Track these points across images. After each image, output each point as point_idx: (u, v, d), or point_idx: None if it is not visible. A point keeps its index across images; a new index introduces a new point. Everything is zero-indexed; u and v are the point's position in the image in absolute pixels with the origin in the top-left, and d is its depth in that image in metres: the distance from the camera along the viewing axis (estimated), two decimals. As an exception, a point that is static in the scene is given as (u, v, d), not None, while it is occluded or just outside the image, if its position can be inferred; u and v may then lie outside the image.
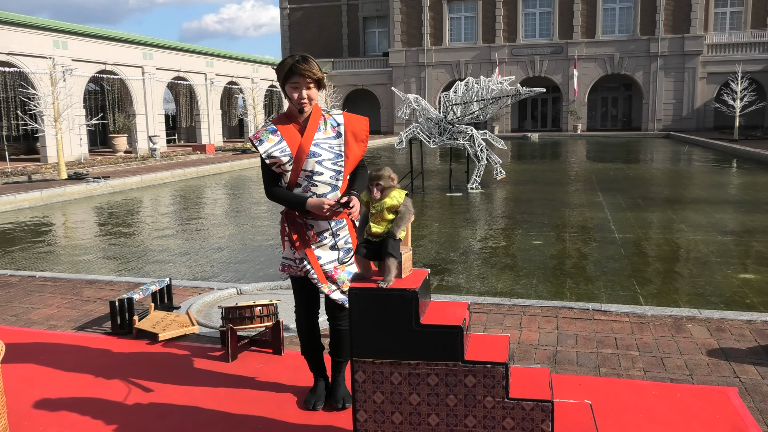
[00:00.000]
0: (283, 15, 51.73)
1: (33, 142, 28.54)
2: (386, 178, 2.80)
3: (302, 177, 3.16)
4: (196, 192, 17.20)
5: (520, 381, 2.67)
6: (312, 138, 3.18)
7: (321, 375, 3.52)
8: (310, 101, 3.17)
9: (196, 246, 9.58)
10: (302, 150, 3.16)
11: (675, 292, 6.59)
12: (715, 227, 9.99)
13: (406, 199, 2.82)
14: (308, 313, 3.43)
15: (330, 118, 3.26)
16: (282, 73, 3.14)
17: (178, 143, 38.54)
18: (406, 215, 2.78)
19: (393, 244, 2.73)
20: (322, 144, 3.18)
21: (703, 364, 3.97)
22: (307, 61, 3.12)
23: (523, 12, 43.25)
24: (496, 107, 15.35)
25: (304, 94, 3.14)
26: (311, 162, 3.15)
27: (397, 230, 2.75)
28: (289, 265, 3.34)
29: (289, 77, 3.12)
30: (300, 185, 3.17)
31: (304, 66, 3.09)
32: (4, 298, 5.81)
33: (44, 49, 23.44)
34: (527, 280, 7.12)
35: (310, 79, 3.12)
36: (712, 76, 40.89)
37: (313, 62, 3.15)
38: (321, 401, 3.43)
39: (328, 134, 3.22)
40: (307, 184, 3.16)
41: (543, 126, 46.77)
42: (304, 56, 3.14)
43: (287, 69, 3.11)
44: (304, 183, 3.16)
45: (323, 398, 3.45)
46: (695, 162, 22.62)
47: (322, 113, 3.26)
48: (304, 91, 3.13)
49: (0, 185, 16.19)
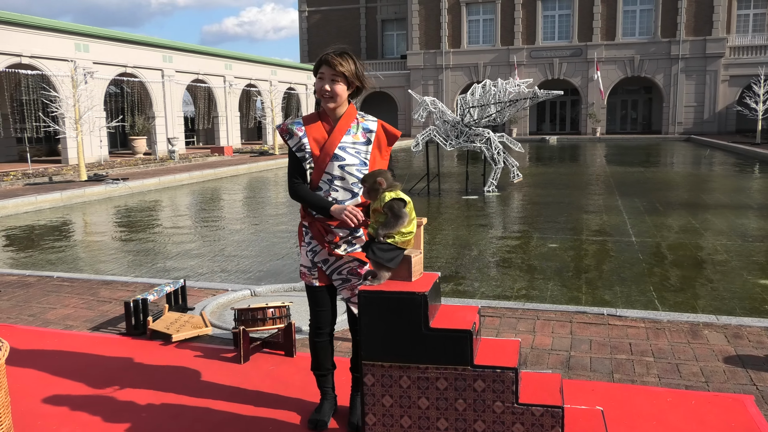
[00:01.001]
0: (301, 18, 51.99)
1: (54, 143, 28.93)
2: (371, 181, 2.76)
3: (324, 180, 3.03)
4: (213, 194, 17.31)
5: (531, 386, 2.65)
6: (339, 140, 3.02)
7: (328, 393, 3.37)
8: (333, 97, 2.99)
9: (212, 247, 9.63)
10: (326, 152, 3.01)
11: (692, 298, 6.50)
12: (735, 232, 9.85)
13: (394, 202, 2.71)
14: (322, 328, 3.25)
15: (363, 122, 3.10)
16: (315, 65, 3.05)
17: (196, 145, 38.85)
18: (391, 220, 2.70)
19: (375, 246, 2.69)
20: (349, 148, 3.03)
21: (720, 372, 3.91)
22: (340, 54, 2.99)
23: (542, 14, 43.06)
24: (514, 110, 15.28)
25: (327, 87, 2.97)
26: (334, 165, 3.01)
27: (379, 232, 2.70)
28: (304, 273, 3.19)
29: (317, 68, 3.02)
30: (321, 188, 3.04)
31: (333, 57, 2.97)
32: (22, 298, 5.89)
33: (66, 52, 23.75)
34: (542, 284, 7.07)
35: (335, 72, 2.96)
36: (735, 79, 40.39)
37: (347, 57, 3.00)
38: (327, 420, 3.28)
39: (357, 139, 3.06)
40: (327, 188, 3.03)
41: (561, 129, 46.49)
42: (342, 50, 3.01)
43: (317, 60, 3.02)
44: (325, 186, 3.03)
45: (329, 417, 3.30)
46: (716, 166, 22.34)
47: (356, 116, 3.10)
48: (327, 84, 2.97)
49: (21, 186, 16.43)
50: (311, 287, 3.20)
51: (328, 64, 2.97)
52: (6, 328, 5.00)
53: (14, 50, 21.77)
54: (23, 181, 17.32)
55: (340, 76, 2.98)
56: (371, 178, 2.79)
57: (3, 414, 2.39)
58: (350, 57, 3.01)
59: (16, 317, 5.31)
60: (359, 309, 2.69)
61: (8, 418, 2.45)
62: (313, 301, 3.23)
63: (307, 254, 3.16)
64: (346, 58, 2.99)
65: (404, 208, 2.72)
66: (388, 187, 2.75)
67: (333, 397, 3.38)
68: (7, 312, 5.47)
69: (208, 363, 4.18)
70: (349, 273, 3.13)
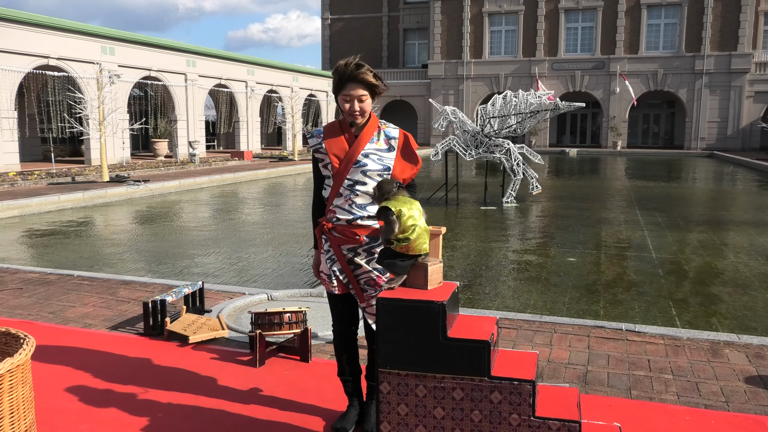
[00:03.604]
0: (324, 25, 52.31)
1: (78, 144, 29.34)
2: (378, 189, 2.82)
3: (345, 186, 3.03)
4: (232, 197, 17.43)
5: (548, 400, 2.62)
6: (362, 148, 3.02)
7: (356, 400, 3.36)
8: (362, 113, 3.00)
9: (230, 250, 9.69)
10: (349, 159, 3.01)
11: (713, 316, 6.41)
12: (758, 250, 9.71)
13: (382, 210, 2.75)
14: (345, 333, 3.26)
15: (386, 128, 3.11)
16: (335, 82, 3.00)
17: (216, 149, 39.17)
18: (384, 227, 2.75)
19: (382, 252, 2.77)
20: (371, 155, 3.03)
21: (741, 391, 3.85)
22: (359, 67, 2.94)
23: (565, 26, 42.93)
24: (534, 121, 15.23)
25: (357, 106, 2.97)
26: (356, 171, 3.01)
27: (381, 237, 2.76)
28: (324, 279, 3.19)
29: (342, 86, 2.97)
30: (341, 195, 3.04)
31: (363, 73, 2.93)
32: (42, 296, 5.96)
33: (92, 54, 24.11)
34: (560, 297, 7.02)
35: (362, 90, 2.95)
36: (760, 95, 39.93)
37: (366, 69, 2.96)
38: (350, 427, 3.26)
39: (380, 145, 3.06)
40: (349, 194, 3.03)
41: (582, 142, 46.22)
42: (359, 63, 2.96)
43: (338, 77, 2.97)
44: (346, 193, 3.03)
45: (352, 425, 3.27)
46: (739, 182, 22.06)
47: (378, 125, 3.09)
48: (356, 104, 2.97)
49: (45, 185, 16.66)
50: (331, 294, 3.21)
51: (355, 80, 2.94)
52: (27, 324, 5.06)
53: (42, 52, 22.14)
54: (47, 181, 17.57)
55: (367, 93, 2.97)
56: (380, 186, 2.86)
57: (27, 409, 2.43)
58: (366, 67, 2.98)
59: (36, 314, 5.38)
60: (377, 316, 2.68)
61: (32, 413, 2.49)
62: (334, 307, 3.24)
63: (326, 262, 3.15)
64: (367, 69, 2.96)
65: (391, 216, 2.75)
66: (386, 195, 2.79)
67: (359, 405, 3.35)
68: (28, 309, 5.54)
69: (224, 365, 4.20)
70: (366, 283, 3.12)
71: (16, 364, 2.26)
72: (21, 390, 2.31)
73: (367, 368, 3.32)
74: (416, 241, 2.80)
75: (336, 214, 3.06)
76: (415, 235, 2.80)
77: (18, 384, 2.29)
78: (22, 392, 2.33)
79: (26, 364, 2.39)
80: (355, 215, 3.03)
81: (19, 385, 2.30)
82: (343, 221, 3.04)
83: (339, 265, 3.11)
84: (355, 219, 3.03)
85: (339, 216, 3.05)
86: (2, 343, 2.61)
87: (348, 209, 3.03)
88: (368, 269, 3.08)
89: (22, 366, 2.34)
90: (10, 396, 2.25)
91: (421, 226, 2.83)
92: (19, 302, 5.75)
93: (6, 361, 2.24)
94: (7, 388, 2.23)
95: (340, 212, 3.04)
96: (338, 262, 3.11)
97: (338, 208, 3.05)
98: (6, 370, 2.21)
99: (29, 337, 2.52)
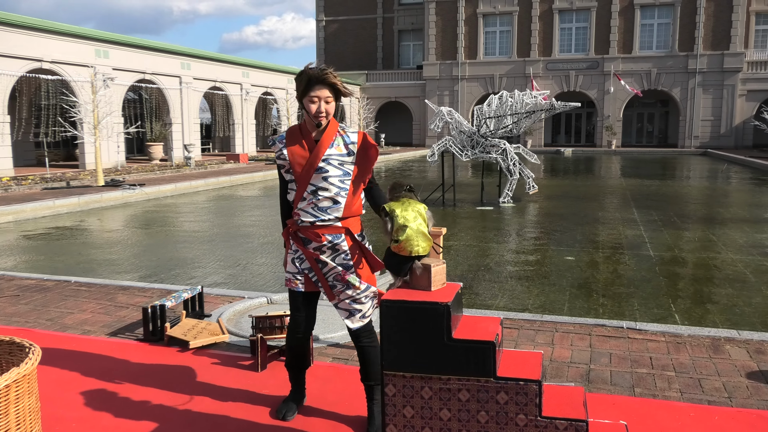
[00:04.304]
0: (319, 27, 52.29)
1: (72, 148, 29.20)
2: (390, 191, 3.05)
3: (308, 191, 3.15)
4: (229, 201, 17.39)
5: (554, 399, 2.62)
6: (323, 154, 3.12)
7: (299, 388, 3.58)
8: (327, 115, 3.11)
9: (228, 254, 9.66)
10: (310, 166, 3.12)
11: (712, 312, 6.42)
12: (754, 247, 9.73)
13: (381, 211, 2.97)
14: (300, 332, 3.37)
15: (345, 134, 3.20)
16: (301, 85, 3.09)
17: (212, 152, 39.09)
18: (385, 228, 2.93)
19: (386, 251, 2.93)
20: (332, 160, 3.14)
21: (743, 387, 3.85)
22: (325, 71, 3.06)
23: (559, 27, 43.03)
24: (530, 121, 15.25)
25: (323, 108, 3.08)
26: (318, 177, 3.13)
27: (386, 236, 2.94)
28: (290, 279, 3.31)
29: (308, 89, 3.07)
30: (305, 199, 3.16)
31: (324, 76, 3.04)
32: (40, 302, 5.92)
33: (86, 57, 24.02)
34: (559, 296, 7.02)
35: (328, 93, 3.07)
36: (752, 94, 40.11)
37: (332, 72, 3.08)
38: (292, 412, 3.48)
39: (340, 150, 3.16)
40: (312, 198, 3.15)
41: (576, 141, 46.32)
42: (322, 68, 3.08)
43: (305, 80, 3.07)
44: (310, 197, 3.15)
45: (295, 409, 3.50)
46: (733, 180, 22.13)
47: (338, 129, 3.20)
48: (323, 105, 3.08)
49: (39, 190, 16.59)
50: (294, 292, 3.34)
51: (321, 82, 3.05)
52: (25, 332, 5.03)
53: (35, 55, 22.05)
54: (41, 186, 17.49)
55: (332, 96, 3.10)
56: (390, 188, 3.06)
57: (34, 420, 2.39)
58: (331, 71, 3.10)
59: (34, 321, 5.35)
60: (381, 318, 2.68)
61: (38, 423, 2.45)
62: (294, 305, 3.37)
63: (294, 261, 3.30)
64: (332, 72, 3.09)
65: (384, 217, 2.93)
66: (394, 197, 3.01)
67: (301, 393, 3.60)
68: (25, 316, 5.50)
69: (226, 370, 4.18)
70: (334, 279, 3.25)
71: (22, 374, 2.23)
72: (27, 400, 2.28)
73: (361, 370, 3.35)
74: (406, 242, 2.86)
75: (300, 217, 3.20)
76: (404, 237, 2.86)
77: (24, 394, 2.26)
78: (29, 403, 2.29)
79: (32, 374, 2.36)
80: (318, 217, 3.17)
81: (26, 395, 2.27)
82: (306, 223, 3.19)
83: (308, 263, 3.25)
84: (317, 221, 3.18)
85: (303, 219, 3.19)
86: (7, 352, 2.57)
87: (312, 212, 3.17)
88: (333, 265, 3.22)
89: (29, 376, 2.30)
90: (17, 407, 2.21)
91: (412, 228, 2.88)
92: (16, 309, 5.71)
93: (12, 371, 2.21)
94: (14, 398, 2.19)
95: (305, 215, 3.19)
96: (307, 261, 3.26)
97: (302, 211, 3.19)
98: (12, 381, 2.17)
99: (35, 346, 2.49)
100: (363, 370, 3.33)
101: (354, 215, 3.24)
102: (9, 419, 2.20)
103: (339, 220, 3.18)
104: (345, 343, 4.64)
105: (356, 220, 3.27)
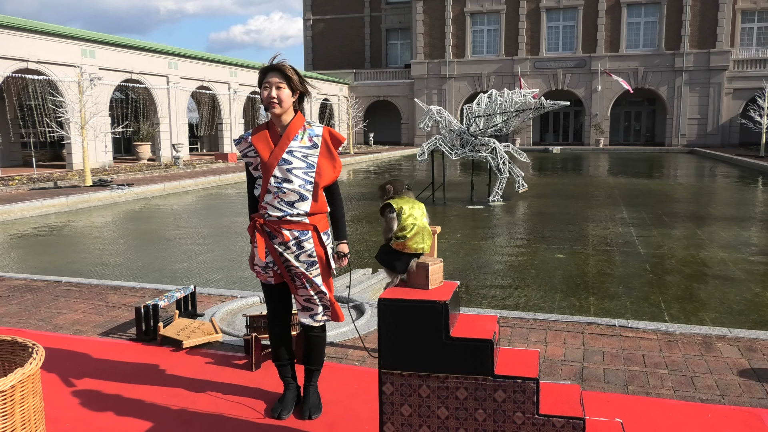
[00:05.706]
0: (306, 26, 52.18)
1: (59, 148, 28.97)
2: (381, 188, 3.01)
3: (273, 183, 3.22)
4: (218, 200, 17.32)
5: (551, 397, 2.63)
6: (286, 146, 3.23)
7: (291, 384, 3.58)
8: (280, 102, 3.20)
9: (219, 253, 9.62)
10: (274, 157, 3.21)
11: (702, 310, 6.48)
12: (742, 245, 9.83)
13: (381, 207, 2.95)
14: (280, 319, 3.49)
15: (310, 128, 3.31)
16: (259, 79, 3.25)
17: (200, 152, 38.90)
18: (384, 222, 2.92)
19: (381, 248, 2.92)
20: (296, 152, 3.23)
21: (735, 385, 3.88)
22: (281, 63, 3.23)
23: (546, 25, 43.20)
24: (519, 120, 15.31)
25: (274, 93, 3.18)
26: (282, 169, 3.20)
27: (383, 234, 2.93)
28: (259, 272, 3.40)
29: (262, 78, 3.23)
30: (270, 192, 3.23)
31: (276, 65, 3.21)
32: (30, 303, 5.88)
33: (73, 57, 23.82)
34: (551, 294, 7.05)
35: (278, 78, 3.18)
36: (738, 92, 40.45)
37: (287, 65, 3.23)
38: (287, 410, 3.47)
39: (304, 143, 3.26)
40: (277, 191, 3.22)
41: (564, 139, 46.54)
42: (281, 60, 3.25)
43: (261, 72, 3.24)
44: (275, 190, 3.22)
45: (290, 408, 3.50)
46: (720, 178, 22.33)
47: (303, 123, 3.31)
48: (274, 90, 3.18)
49: (27, 191, 16.45)
50: (266, 284, 3.44)
51: (273, 70, 3.20)
52: (16, 332, 4.98)
53: (21, 55, 21.83)
54: (28, 186, 17.34)
55: (284, 82, 3.20)
56: (382, 186, 3.02)
57: (38, 420, 2.38)
58: (287, 64, 3.25)
59: (25, 322, 5.30)
60: (379, 317, 2.68)
61: (42, 423, 2.44)
62: (268, 296, 3.48)
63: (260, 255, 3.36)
64: (284, 64, 3.23)
65: (390, 213, 2.88)
66: (394, 194, 2.96)
67: (295, 387, 3.58)
68: (16, 317, 5.46)
69: (220, 370, 4.17)
70: (294, 275, 3.34)
71: (27, 375, 2.21)
72: (32, 400, 2.26)
73: (304, 353, 3.51)
74: (412, 239, 2.84)
75: (267, 211, 3.26)
76: (412, 233, 2.84)
77: (29, 394, 2.24)
78: (33, 403, 2.28)
79: (36, 374, 2.34)
80: (285, 212, 3.23)
81: (30, 395, 2.25)
82: (274, 217, 3.25)
83: (272, 257, 3.32)
84: (284, 216, 3.23)
85: (270, 213, 3.25)
86: (9, 352, 2.55)
87: (278, 206, 3.23)
88: (297, 265, 3.29)
89: (33, 376, 2.28)
90: (22, 407, 2.19)
91: (420, 225, 2.87)
92: (6, 310, 5.66)
93: (17, 372, 2.19)
94: (19, 399, 2.17)
95: (271, 209, 3.25)
96: (270, 255, 3.32)
97: (269, 205, 3.25)
98: (18, 381, 2.15)
99: (38, 345, 2.47)
100: (306, 354, 3.50)
101: (321, 212, 3.31)
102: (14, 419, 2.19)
103: (307, 216, 3.25)
104: (339, 341, 4.65)
105: (323, 217, 3.35)
